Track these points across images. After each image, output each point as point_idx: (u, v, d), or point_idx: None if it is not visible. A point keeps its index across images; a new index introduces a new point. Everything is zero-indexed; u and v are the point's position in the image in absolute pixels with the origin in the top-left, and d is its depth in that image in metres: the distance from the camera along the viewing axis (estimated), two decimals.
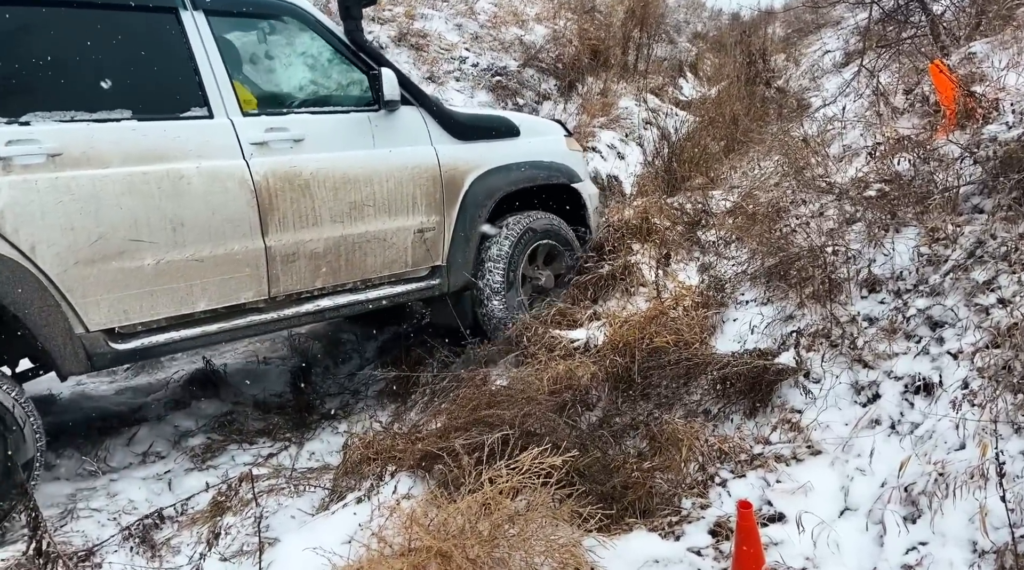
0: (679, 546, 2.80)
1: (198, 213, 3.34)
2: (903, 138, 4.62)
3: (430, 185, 4.08)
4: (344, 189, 3.76)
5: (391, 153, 3.95)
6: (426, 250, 4.11)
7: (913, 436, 2.95)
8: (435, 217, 4.12)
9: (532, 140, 4.63)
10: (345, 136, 3.82)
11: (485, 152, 4.34)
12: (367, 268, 3.91)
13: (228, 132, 3.47)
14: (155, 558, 2.98)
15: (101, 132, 3.15)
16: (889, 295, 3.58)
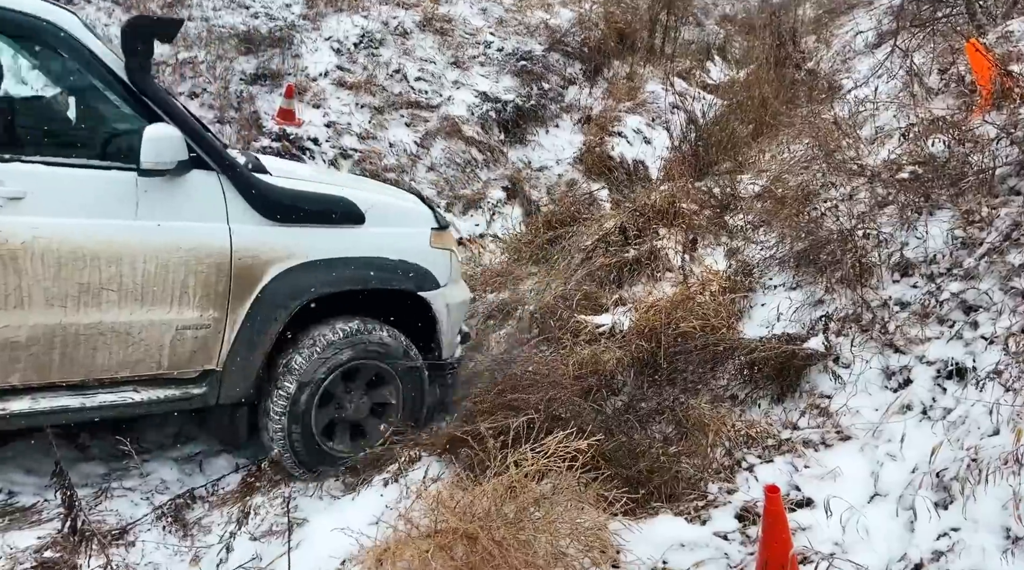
0: (705, 530, 2.79)
1: None
2: (937, 119, 4.52)
3: (212, 273, 3.19)
4: (74, 267, 2.92)
5: (159, 228, 3.08)
6: (193, 351, 3.23)
7: (945, 422, 2.90)
8: (212, 313, 3.22)
9: (380, 231, 3.63)
10: (93, 199, 2.98)
11: (304, 241, 3.39)
12: (95, 367, 3.07)
13: None
14: (187, 537, 3.04)
15: None
16: (922, 279, 3.51)
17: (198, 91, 6.99)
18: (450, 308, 3.90)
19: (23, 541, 2.85)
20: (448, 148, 7.66)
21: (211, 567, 2.77)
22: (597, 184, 7.57)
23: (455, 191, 7.39)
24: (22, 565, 2.69)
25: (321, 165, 6.91)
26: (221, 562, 2.75)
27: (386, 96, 7.72)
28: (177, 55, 7.14)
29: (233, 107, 6.95)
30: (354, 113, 7.41)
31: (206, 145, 3.20)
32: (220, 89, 7.04)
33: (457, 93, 8.17)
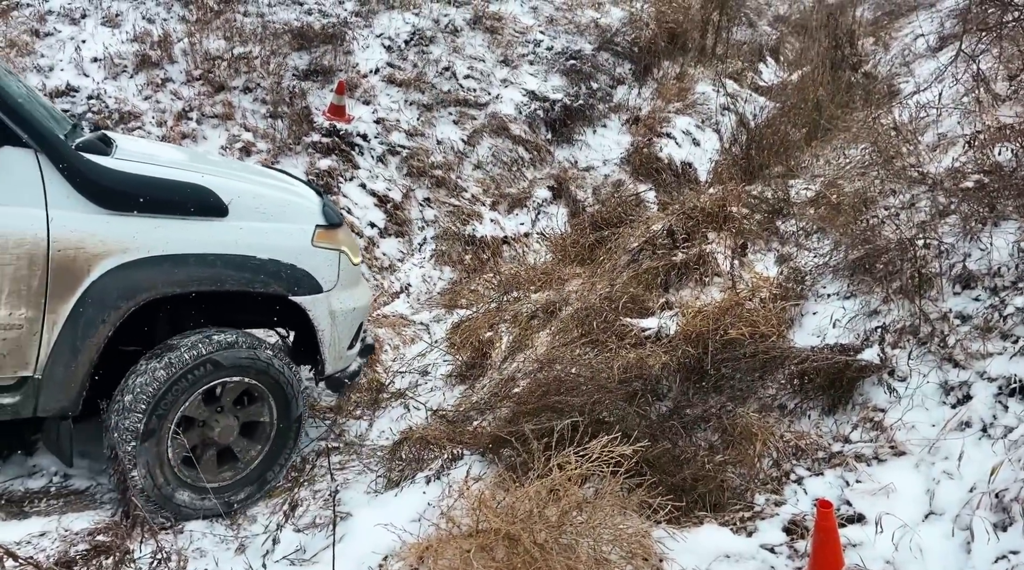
0: (752, 542, 2.74)
1: None
2: (1005, 126, 4.36)
3: (23, 265, 2.76)
4: None
5: None
6: (2, 355, 2.81)
7: (1007, 440, 2.80)
8: (24, 311, 2.79)
9: (247, 225, 3.19)
10: None
11: (145, 232, 2.95)
12: None
13: None
14: (233, 526, 3.09)
15: None
16: (985, 292, 3.39)
17: (252, 86, 7.10)
18: (336, 315, 3.43)
19: (77, 524, 2.93)
20: (495, 146, 7.67)
21: (256, 557, 2.81)
22: (644, 185, 7.49)
23: (501, 189, 7.39)
24: (76, 547, 2.76)
25: (370, 162, 6.98)
26: (267, 553, 2.78)
27: (435, 93, 7.75)
28: (232, 50, 7.27)
29: (285, 102, 7.05)
30: (403, 110, 7.46)
31: (17, 117, 2.78)
32: (273, 84, 7.14)
33: (505, 91, 8.16)
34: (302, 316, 3.35)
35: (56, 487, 3.26)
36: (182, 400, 3.02)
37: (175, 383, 2.98)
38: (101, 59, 6.77)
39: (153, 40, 7.06)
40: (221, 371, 3.08)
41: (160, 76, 6.88)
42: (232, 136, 6.63)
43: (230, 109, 6.83)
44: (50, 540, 2.84)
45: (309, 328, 3.39)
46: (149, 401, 2.94)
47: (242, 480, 3.22)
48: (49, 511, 3.06)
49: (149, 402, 2.94)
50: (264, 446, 3.27)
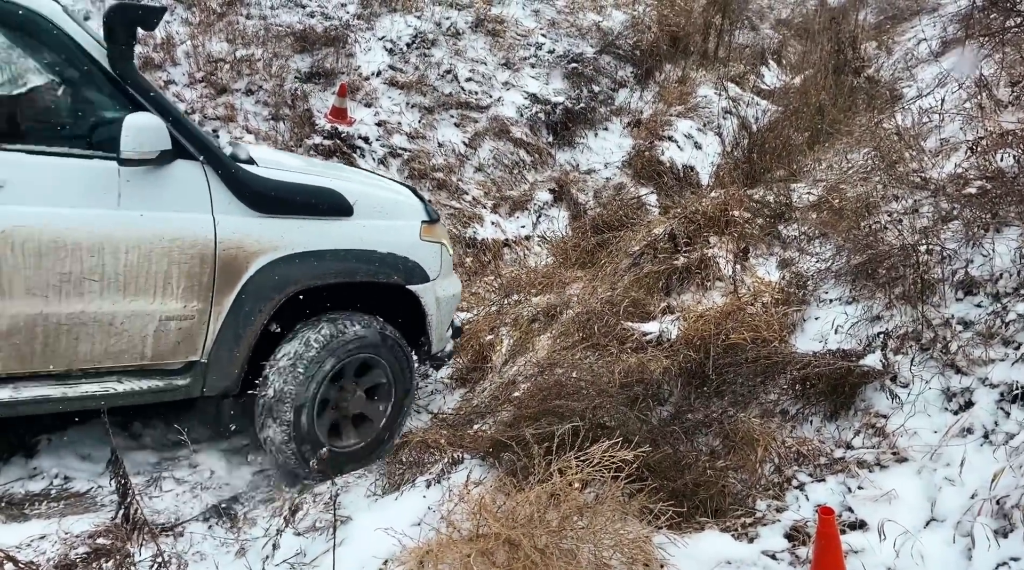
0: (753, 548, 2.73)
1: None
2: (1007, 133, 4.35)
3: (196, 264, 3.15)
4: (55, 256, 2.89)
5: (142, 218, 3.04)
6: (177, 342, 3.20)
7: (1008, 447, 2.80)
8: (196, 304, 3.19)
9: (370, 224, 3.59)
10: (74, 189, 2.94)
11: (290, 232, 3.35)
12: (78, 357, 3.04)
13: None
14: (234, 529, 3.08)
15: None
16: (987, 298, 3.39)
17: (254, 88, 7.11)
18: (440, 302, 3.86)
19: (78, 527, 2.93)
20: (496, 149, 7.67)
21: (256, 560, 2.81)
22: (646, 189, 7.50)
23: (502, 192, 7.39)
24: (76, 550, 2.76)
25: (371, 164, 6.98)
26: (267, 557, 2.78)
27: (436, 96, 7.76)
28: (235, 52, 7.28)
29: (287, 105, 7.06)
30: (404, 113, 7.47)
31: (190, 134, 3.14)
32: (275, 87, 7.15)
33: (507, 94, 8.17)
34: (413, 303, 3.77)
35: (56, 490, 3.26)
36: (332, 373, 3.47)
37: (328, 358, 3.43)
38: None
39: (156, 42, 7.06)
40: (365, 348, 3.56)
41: (163, 78, 6.88)
42: (234, 138, 6.63)
43: (232, 111, 6.84)
44: (50, 543, 2.84)
45: (419, 314, 3.81)
46: (306, 374, 3.37)
47: (371, 443, 3.68)
48: (49, 514, 3.06)
49: (306, 374, 3.37)
50: (385, 413, 3.70)
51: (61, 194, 2.91)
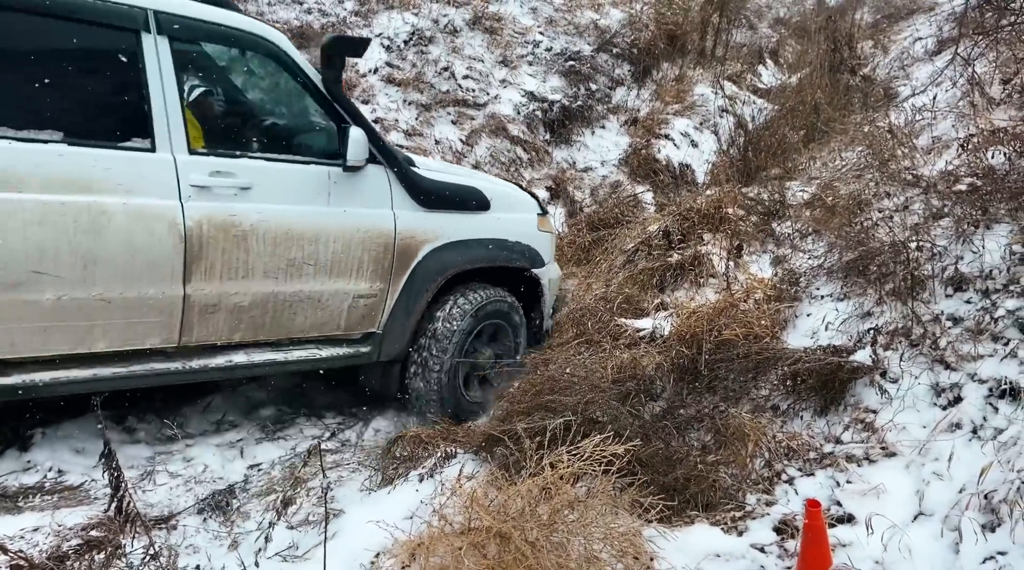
0: (742, 542, 2.75)
1: (116, 252, 3.06)
2: (999, 130, 4.37)
3: (380, 251, 3.76)
4: (285, 245, 3.46)
5: (345, 213, 3.63)
6: (362, 316, 3.81)
7: (996, 442, 2.82)
8: (379, 284, 3.80)
9: (502, 216, 4.25)
10: (299, 189, 3.51)
11: (448, 224, 4.00)
12: (294, 327, 3.63)
13: (168, 170, 3.17)
14: (227, 523, 3.10)
15: (23, 153, 2.86)
16: (976, 294, 3.41)
17: None
18: (551, 284, 4.57)
19: (71, 519, 2.94)
20: (493, 146, 7.69)
21: (249, 553, 2.82)
22: (642, 186, 7.51)
23: None
24: (69, 542, 2.77)
25: None
26: (260, 549, 2.79)
27: (434, 93, 7.77)
28: None
29: None
30: (401, 110, 7.48)
31: (378, 143, 3.73)
32: None
33: (504, 92, 8.19)
34: (531, 284, 4.46)
35: (50, 483, 3.27)
36: (465, 341, 4.07)
37: (470, 326, 4.07)
38: None
39: None
40: (499, 317, 4.24)
41: None
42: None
43: None
44: (43, 535, 2.85)
45: (535, 294, 4.51)
46: (452, 339, 3.99)
47: (487, 400, 4.21)
48: (43, 506, 3.07)
49: (453, 339, 3.99)
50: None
51: (290, 194, 3.49)
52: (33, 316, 2.95)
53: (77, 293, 3.02)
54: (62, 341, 3.06)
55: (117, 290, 3.10)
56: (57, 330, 3.03)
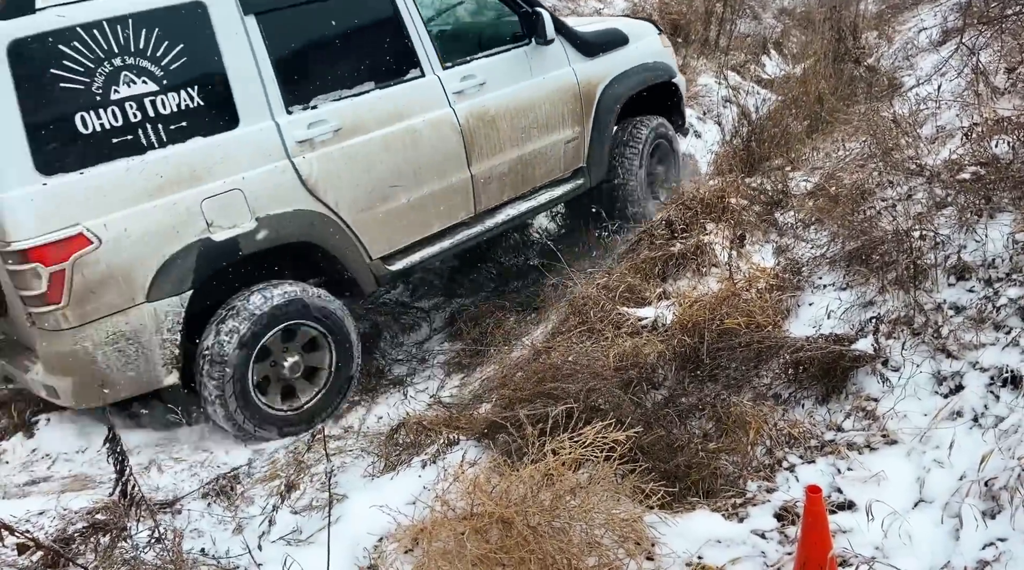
0: (743, 528, 2.76)
1: (429, 156, 4.09)
2: (1003, 119, 4.36)
3: (573, 101, 4.79)
4: (517, 118, 4.49)
5: (544, 79, 4.65)
6: (572, 155, 4.89)
7: (997, 430, 2.82)
8: (578, 127, 4.85)
9: (638, 45, 5.21)
10: (512, 72, 4.49)
11: (608, 64, 5.00)
12: (535, 178, 4.72)
13: (437, 86, 4.16)
14: (231, 507, 3.12)
15: (361, 105, 3.84)
16: (979, 283, 3.41)
17: None
18: (683, 88, 5.61)
19: (76, 503, 2.96)
20: None
21: (253, 537, 2.85)
22: None
23: None
24: (74, 525, 2.80)
25: None
26: (264, 533, 2.82)
27: None
28: None
29: None
30: None
31: (551, 15, 4.66)
32: None
33: None
34: (674, 94, 5.54)
35: (55, 467, 3.30)
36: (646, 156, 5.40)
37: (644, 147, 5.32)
38: None
39: None
40: (662, 136, 5.51)
41: None
42: None
43: None
44: (49, 518, 2.88)
45: (676, 100, 5.56)
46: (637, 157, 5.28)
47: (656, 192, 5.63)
48: (48, 490, 3.10)
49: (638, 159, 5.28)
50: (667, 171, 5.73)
51: (509, 78, 4.46)
52: (398, 218, 4.03)
53: (416, 193, 4.07)
54: (415, 231, 4.14)
55: (436, 184, 4.15)
56: (411, 224, 4.11)
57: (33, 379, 3.25)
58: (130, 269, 3.14)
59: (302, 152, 3.61)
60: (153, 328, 3.22)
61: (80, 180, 3.04)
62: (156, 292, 3.21)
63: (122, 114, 3.15)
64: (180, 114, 3.29)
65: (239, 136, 3.44)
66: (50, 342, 3.08)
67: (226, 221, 3.37)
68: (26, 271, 2.95)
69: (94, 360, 3.12)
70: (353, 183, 3.79)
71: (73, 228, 3.01)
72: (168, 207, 3.23)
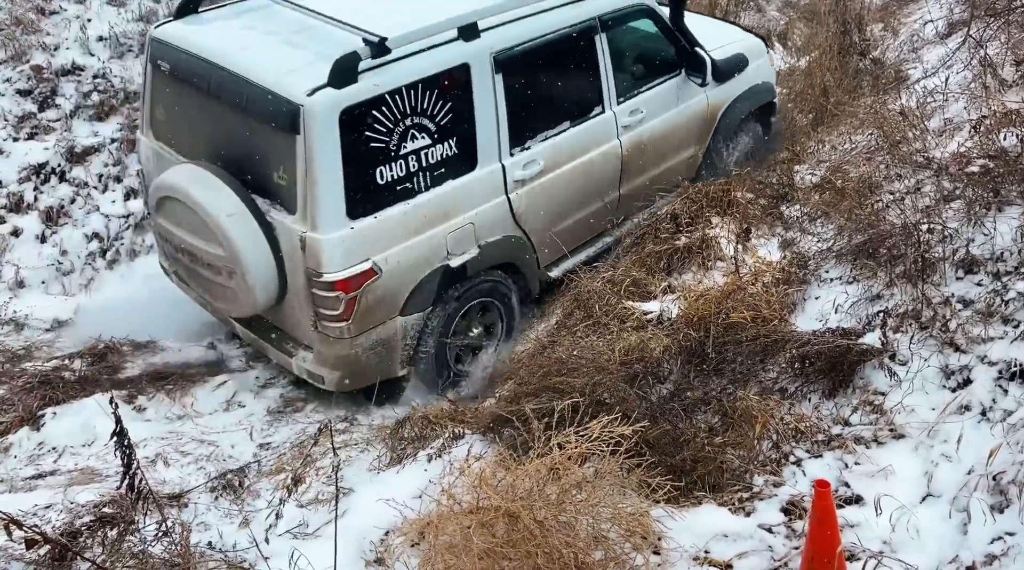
0: (750, 522, 2.76)
1: (596, 182, 4.66)
2: (1011, 112, 4.33)
3: (701, 123, 5.23)
4: (660, 143, 4.97)
5: (686, 107, 5.09)
6: (686, 170, 5.28)
7: (1005, 424, 2.82)
8: (698, 146, 5.30)
9: (754, 66, 5.53)
10: (664, 103, 4.93)
11: (731, 88, 5.35)
12: (659, 189, 5.14)
13: (612, 121, 4.65)
14: (238, 501, 3.12)
15: (559, 143, 4.37)
16: (987, 277, 3.40)
17: None
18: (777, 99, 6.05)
19: (83, 497, 2.97)
20: None
21: (260, 530, 2.85)
22: None
23: None
24: (81, 519, 2.80)
25: None
26: (270, 527, 2.82)
27: None
28: None
29: None
30: None
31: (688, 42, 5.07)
32: None
33: None
34: (773, 106, 5.91)
35: (63, 461, 3.30)
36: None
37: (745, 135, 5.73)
38: (107, 38, 6.76)
39: (158, 19, 7.04)
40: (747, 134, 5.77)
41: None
42: None
43: None
44: (56, 512, 2.88)
45: (773, 109, 5.92)
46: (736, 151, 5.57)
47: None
48: (55, 484, 3.11)
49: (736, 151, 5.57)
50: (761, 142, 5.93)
51: (660, 109, 4.93)
52: (562, 235, 4.60)
53: (580, 214, 4.68)
54: (571, 244, 4.71)
55: (595, 205, 4.75)
56: (570, 239, 4.70)
57: (300, 364, 3.91)
58: (395, 292, 3.83)
59: (516, 189, 4.23)
60: (401, 336, 3.93)
61: (374, 223, 3.68)
62: (407, 309, 3.91)
63: (405, 166, 3.75)
64: (441, 162, 3.88)
65: (477, 178, 4.05)
66: (331, 346, 3.76)
67: (460, 249, 4.04)
68: (330, 297, 3.60)
69: (359, 360, 3.83)
70: (543, 211, 4.42)
71: (366, 263, 3.67)
72: (426, 241, 3.88)
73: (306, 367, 3.87)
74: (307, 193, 3.52)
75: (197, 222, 3.67)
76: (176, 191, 3.71)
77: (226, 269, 3.68)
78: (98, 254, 5.58)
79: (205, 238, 3.68)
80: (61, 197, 5.80)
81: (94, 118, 6.23)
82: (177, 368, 4.21)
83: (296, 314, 3.82)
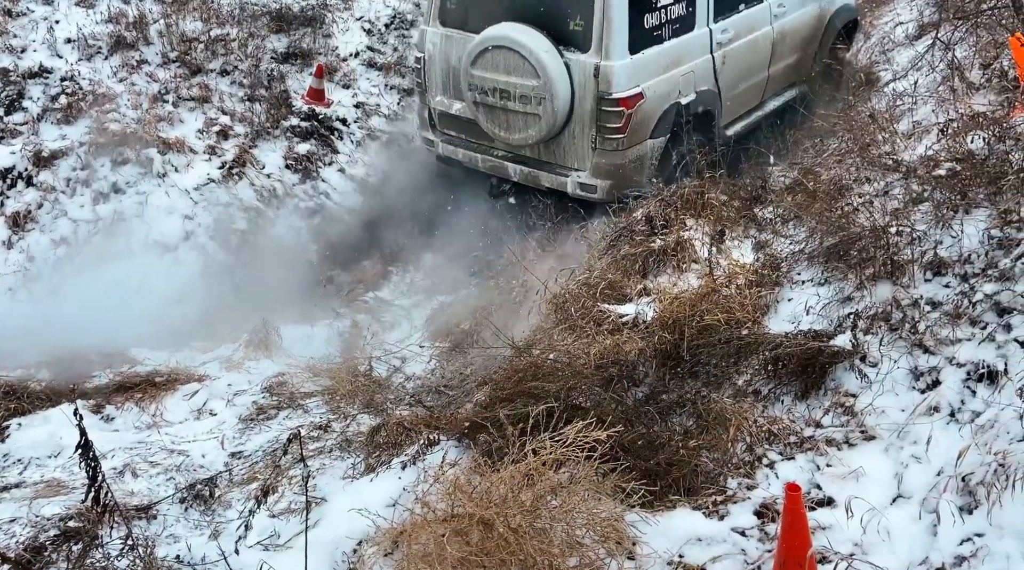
0: (723, 526, 2.77)
1: (759, 58, 6.02)
2: (978, 115, 4.39)
3: (816, 25, 6.55)
4: (794, 35, 6.29)
5: (806, 8, 6.40)
6: (797, 70, 6.59)
7: (973, 425, 2.85)
8: (811, 48, 6.61)
9: None
10: (795, 2, 6.25)
11: (834, 1, 6.65)
12: (783, 83, 6.53)
13: (768, 9, 6.00)
14: (208, 512, 3.08)
15: (740, 19, 5.75)
16: (955, 279, 3.43)
17: (229, 68, 7.02)
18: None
19: (48, 510, 2.91)
20: None
21: (229, 542, 2.80)
22: None
23: None
24: (46, 533, 2.74)
25: (349, 146, 6.93)
26: (240, 538, 2.77)
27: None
28: (209, 32, 7.17)
29: (263, 85, 6.98)
30: (383, 94, 7.41)
31: None
32: (251, 67, 7.06)
33: None
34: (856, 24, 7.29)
35: (27, 473, 3.23)
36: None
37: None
38: (75, 40, 6.66)
39: (128, 21, 6.94)
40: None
41: (135, 58, 6.77)
42: (209, 119, 6.55)
43: (207, 92, 6.75)
44: (20, 526, 2.82)
45: (855, 28, 7.31)
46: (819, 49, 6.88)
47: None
48: (20, 497, 3.04)
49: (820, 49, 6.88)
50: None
51: (798, 4, 6.29)
52: (735, 99, 5.95)
53: (747, 83, 6.02)
54: (738, 110, 6.06)
55: (756, 78, 6.10)
56: (739, 104, 6.06)
57: (575, 180, 5.28)
58: (650, 117, 5.14)
59: (717, 50, 5.57)
60: (649, 155, 5.24)
61: (642, 58, 5.05)
62: (655, 134, 5.25)
63: (659, 17, 5.14)
64: (677, 19, 5.25)
65: (695, 36, 5.41)
66: (608, 158, 5.12)
67: (686, 91, 5.37)
68: (615, 112, 4.97)
69: (624, 170, 5.16)
70: (730, 72, 5.71)
71: (637, 87, 5.04)
72: (669, 78, 5.23)
73: (581, 180, 5.21)
74: (603, 33, 4.88)
75: (516, 62, 4.96)
76: (503, 39, 4.97)
77: (537, 97, 4.99)
78: (66, 260, 5.48)
79: (522, 75, 4.97)
80: (28, 202, 5.70)
81: (62, 121, 6.13)
82: (146, 376, 4.14)
83: (574, 141, 5.17)
